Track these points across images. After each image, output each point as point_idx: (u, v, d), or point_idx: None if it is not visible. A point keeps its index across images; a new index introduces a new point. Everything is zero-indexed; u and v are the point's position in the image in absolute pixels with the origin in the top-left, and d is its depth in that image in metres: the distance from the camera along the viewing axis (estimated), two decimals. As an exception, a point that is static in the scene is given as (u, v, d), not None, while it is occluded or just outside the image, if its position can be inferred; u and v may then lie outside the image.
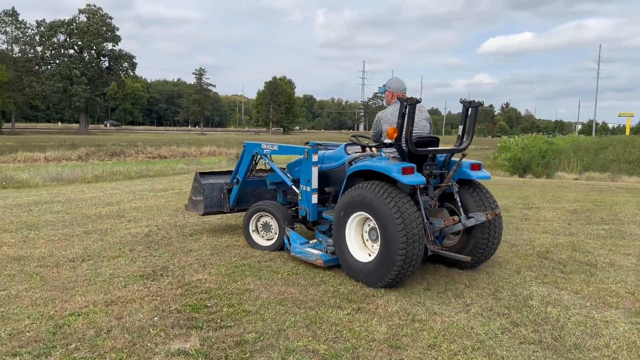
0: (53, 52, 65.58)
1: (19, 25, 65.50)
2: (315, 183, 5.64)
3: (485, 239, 5.14)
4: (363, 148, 5.84)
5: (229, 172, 7.14)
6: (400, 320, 3.99)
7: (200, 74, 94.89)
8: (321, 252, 5.34)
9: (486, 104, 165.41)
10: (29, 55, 66.14)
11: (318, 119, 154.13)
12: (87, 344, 3.46)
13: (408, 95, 5.22)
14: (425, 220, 4.69)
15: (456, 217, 4.84)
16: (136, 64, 70.48)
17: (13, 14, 65.18)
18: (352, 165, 5.28)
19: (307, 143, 6.24)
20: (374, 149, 5.73)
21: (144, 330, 3.68)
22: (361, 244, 5.01)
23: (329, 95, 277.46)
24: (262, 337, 3.61)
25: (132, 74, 73.26)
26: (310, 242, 5.70)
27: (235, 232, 7.11)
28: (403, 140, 4.78)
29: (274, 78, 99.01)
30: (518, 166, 26.08)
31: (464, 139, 5.21)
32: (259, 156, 6.59)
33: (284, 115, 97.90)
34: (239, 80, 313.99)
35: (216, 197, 6.73)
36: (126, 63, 69.63)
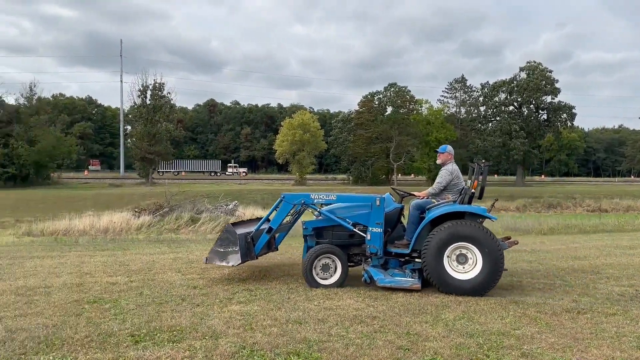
0: (494, 110, 71.21)
1: (466, 90, 74.55)
2: (384, 225, 6.65)
3: None
4: (401, 198, 7.29)
5: (252, 221, 7.73)
6: None
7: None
8: (412, 279, 6.40)
9: None
10: (473, 115, 74.06)
11: None
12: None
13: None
14: None
15: (513, 240, 6.98)
16: (575, 114, 68.53)
17: (462, 80, 74.82)
18: (429, 211, 6.60)
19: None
20: (449, 195, 6.79)
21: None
22: (451, 267, 6.32)
23: None
24: None
25: (570, 124, 71.55)
26: (385, 273, 6.57)
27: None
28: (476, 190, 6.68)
29: None
30: None
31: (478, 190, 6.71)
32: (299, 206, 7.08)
33: None
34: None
35: (245, 247, 6.87)
36: (565, 114, 68.57)
